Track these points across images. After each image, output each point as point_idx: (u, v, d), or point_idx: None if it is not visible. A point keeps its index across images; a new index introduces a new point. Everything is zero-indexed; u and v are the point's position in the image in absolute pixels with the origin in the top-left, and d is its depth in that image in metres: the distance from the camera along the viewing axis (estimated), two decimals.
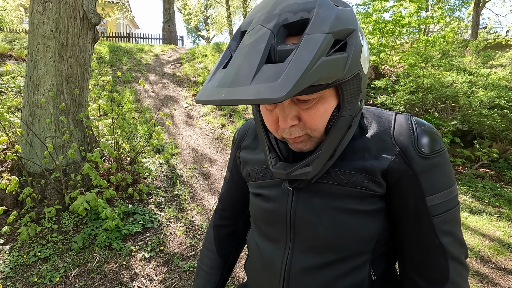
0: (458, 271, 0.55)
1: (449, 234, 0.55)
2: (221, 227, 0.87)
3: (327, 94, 0.50)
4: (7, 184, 2.36)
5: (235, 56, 0.44)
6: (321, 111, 0.51)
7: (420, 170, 0.54)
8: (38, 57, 2.83)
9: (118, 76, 6.32)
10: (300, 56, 0.39)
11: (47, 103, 2.83)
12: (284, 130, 0.53)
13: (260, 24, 0.45)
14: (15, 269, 2.17)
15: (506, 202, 4.12)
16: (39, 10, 2.80)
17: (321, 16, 0.43)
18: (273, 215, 0.65)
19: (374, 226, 0.58)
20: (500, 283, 2.44)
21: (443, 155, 0.55)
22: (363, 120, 0.60)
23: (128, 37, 14.30)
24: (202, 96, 0.43)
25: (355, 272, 0.59)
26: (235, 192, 0.83)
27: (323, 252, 0.60)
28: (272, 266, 0.65)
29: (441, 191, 0.54)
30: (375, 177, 0.56)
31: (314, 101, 0.50)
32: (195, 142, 4.68)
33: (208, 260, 0.85)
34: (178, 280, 2.22)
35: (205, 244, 0.89)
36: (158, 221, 2.87)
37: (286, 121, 0.51)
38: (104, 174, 3.06)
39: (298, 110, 0.51)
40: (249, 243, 0.76)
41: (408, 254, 0.58)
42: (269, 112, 0.55)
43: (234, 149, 0.80)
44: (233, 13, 20.89)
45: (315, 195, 0.59)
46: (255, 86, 0.38)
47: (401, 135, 0.56)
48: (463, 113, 5.35)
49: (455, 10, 11.09)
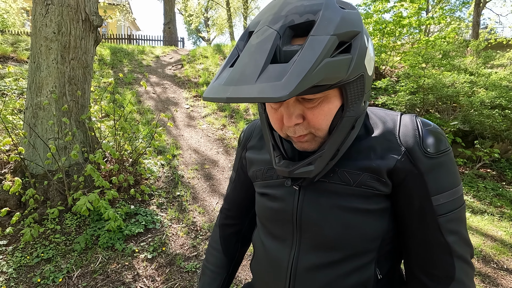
0: (464, 270, 0.55)
1: (454, 233, 0.55)
2: (226, 226, 0.88)
3: (331, 94, 0.51)
4: (10, 186, 2.37)
5: (242, 55, 0.46)
6: (325, 111, 0.52)
7: (425, 170, 0.54)
8: (40, 59, 2.85)
9: (120, 77, 6.34)
10: (305, 57, 0.40)
11: (50, 104, 2.85)
12: (289, 129, 0.54)
13: (267, 25, 0.46)
14: (18, 270, 2.18)
15: (508, 202, 4.11)
16: (42, 13, 2.82)
17: (326, 18, 0.44)
18: (280, 214, 0.65)
19: (379, 225, 0.59)
20: (502, 283, 2.44)
21: (448, 155, 0.56)
22: (369, 120, 0.61)
23: (129, 38, 14.37)
24: (209, 94, 0.45)
25: (361, 271, 0.60)
26: (240, 192, 0.84)
27: (329, 251, 0.60)
28: (279, 264, 0.66)
29: (447, 190, 0.55)
30: (381, 176, 0.56)
31: (318, 101, 0.51)
32: (196, 143, 4.69)
33: (214, 259, 0.86)
34: (180, 280, 2.23)
35: (211, 244, 0.90)
36: (160, 222, 2.88)
37: (291, 119, 0.52)
38: (106, 175, 3.08)
39: (303, 109, 0.52)
40: (255, 242, 0.77)
41: (413, 253, 0.59)
42: (274, 111, 0.56)
43: (240, 149, 0.81)
44: (234, 14, 20.94)
45: (322, 195, 0.60)
46: (260, 85, 0.40)
47: (406, 135, 0.56)
48: (464, 113, 5.35)
49: (455, 11, 11.09)
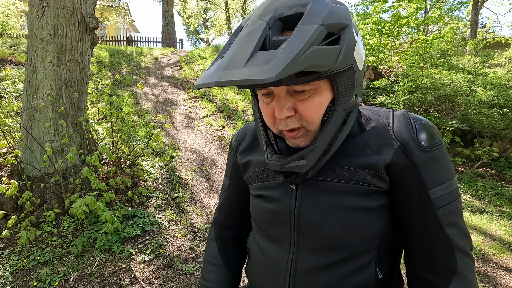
0: (465, 263, 0.55)
1: (453, 225, 0.55)
2: (225, 238, 0.84)
3: (322, 87, 0.52)
4: (6, 189, 2.36)
5: (232, 45, 0.47)
6: (316, 103, 0.52)
7: (421, 163, 0.55)
8: (37, 62, 2.85)
9: (118, 79, 6.34)
10: (292, 44, 0.42)
11: (46, 107, 2.84)
12: (281, 122, 0.54)
13: (257, 17, 0.48)
14: (15, 273, 2.17)
15: (507, 201, 4.11)
16: (38, 15, 2.82)
17: (314, 10, 0.45)
18: (277, 216, 0.64)
19: (378, 222, 0.59)
20: (501, 283, 2.43)
21: (441, 148, 0.56)
22: (361, 118, 0.61)
23: (128, 40, 14.37)
24: (199, 81, 0.45)
25: (362, 271, 0.59)
26: (236, 198, 0.82)
27: (329, 252, 0.59)
28: (277, 267, 0.64)
29: (443, 183, 0.55)
30: (379, 172, 0.56)
31: (309, 93, 0.52)
32: (194, 144, 4.68)
33: (215, 276, 0.79)
34: (177, 282, 2.22)
35: (207, 260, 0.83)
36: (157, 223, 2.87)
37: (282, 111, 0.52)
38: (104, 177, 3.07)
39: (294, 102, 0.53)
40: (251, 246, 0.75)
41: (414, 249, 0.59)
42: (267, 106, 0.56)
43: (232, 154, 0.79)
44: (232, 15, 20.97)
45: (319, 194, 0.59)
46: (248, 69, 0.41)
47: (400, 129, 0.57)
48: (463, 112, 5.35)
49: (454, 10, 11.11)
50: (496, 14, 25.75)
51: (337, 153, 0.58)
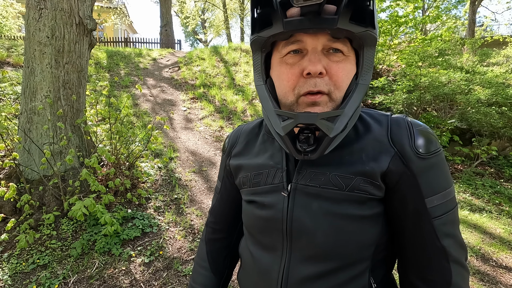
0: (461, 274, 0.54)
1: (449, 236, 0.54)
2: (214, 241, 0.82)
3: (351, 57, 0.54)
4: (5, 192, 2.35)
5: None
6: (346, 69, 0.54)
7: (418, 171, 0.53)
8: (34, 64, 2.84)
9: (116, 81, 6.32)
10: None
11: (44, 109, 2.83)
12: (308, 82, 0.52)
13: None
14: (14, 276, 2.16)
15: (506, 200, 4.11)
16: (35, 17, 2.81)
17: None
18: (268, 222, 0.62)
19: (373, 231, 0.57)
20: (501, 281, 2.43)
21: (439, 155, 0.55)
22: (359, 122, 0.60)
23: (126, 42, 14.35)
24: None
25: (355, 281, 0.58)
26: (227, 202, 0.80)
27: (322, 261, 0.58)
28: (268, 276, 0.62)
29: (440, 192, 0.54)
30: (374, 180, 0.55)
31: (342, 57, 0.53)
32: (193, 146, 4.68)
33: (202, 278, 0.80)
34: (177, 284, 2.21)
35: (197, 261, 0.83)
36: (157, 225, 2.86)
37: (317, 65, 0.51)
38: (103, 179, 3.06)
39: (328, 62, 0.53)
40: (243, 252, 0.73)
41: (409, 258, 0.58)
42: (290, 67, 0.54)
43: (225, 157, 0.77)
44: (231, 16, 20.95)
45: (313, 201, 0.57)
46: None
47: (397, 136, 0.55)
48: (461, 111, 5.36)
49: (451, 9, 11.14)
50: (493, 13, 25.87)
51: (332, 158, 0.57)
